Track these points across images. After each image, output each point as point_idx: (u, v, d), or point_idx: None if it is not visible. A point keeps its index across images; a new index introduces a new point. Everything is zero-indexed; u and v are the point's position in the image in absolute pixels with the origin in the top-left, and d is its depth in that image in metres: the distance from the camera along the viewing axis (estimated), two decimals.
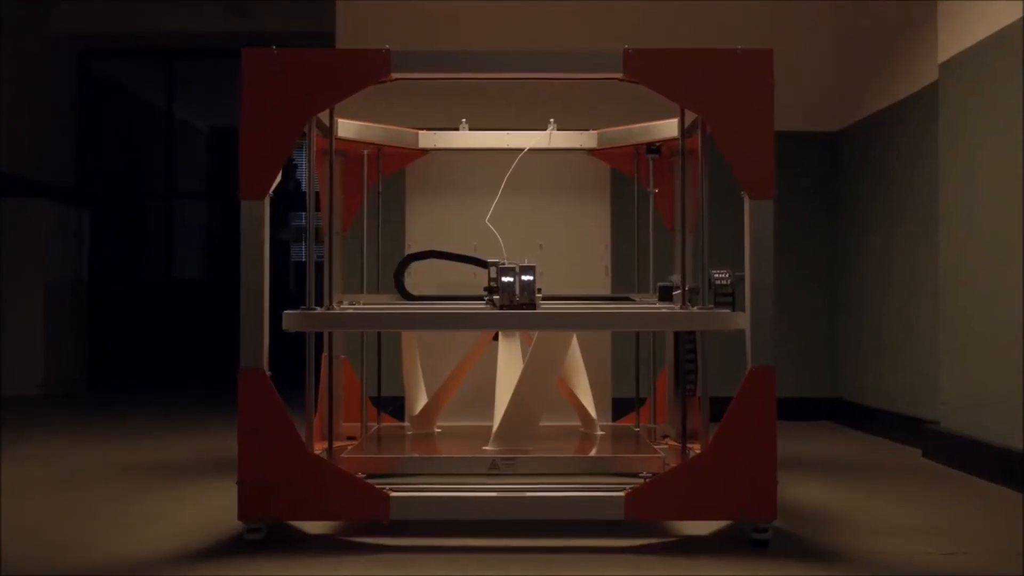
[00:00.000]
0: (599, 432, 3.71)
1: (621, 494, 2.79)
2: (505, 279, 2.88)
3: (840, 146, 5.95)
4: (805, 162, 5.97)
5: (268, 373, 2.83)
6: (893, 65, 5.23)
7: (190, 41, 8.89)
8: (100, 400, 7.43)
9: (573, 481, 3.23)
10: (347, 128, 3.81)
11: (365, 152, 3.93)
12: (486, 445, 3.35)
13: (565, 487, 2.92)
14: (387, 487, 2.83)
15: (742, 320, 2.89)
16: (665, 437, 3.95)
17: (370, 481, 2.88)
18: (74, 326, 8.20)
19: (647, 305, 3.43)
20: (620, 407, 4.13)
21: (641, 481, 2.96)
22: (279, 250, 9.65)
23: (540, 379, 3.29)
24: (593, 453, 3.38)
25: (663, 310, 3.06)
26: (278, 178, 2.90)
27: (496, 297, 2.95)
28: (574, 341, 3.62)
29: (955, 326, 4.25)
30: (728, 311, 2.98)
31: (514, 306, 2.90)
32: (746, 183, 2.83)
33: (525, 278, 2.88)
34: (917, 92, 4.92)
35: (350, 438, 3.93)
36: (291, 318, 2.89)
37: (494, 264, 3.15)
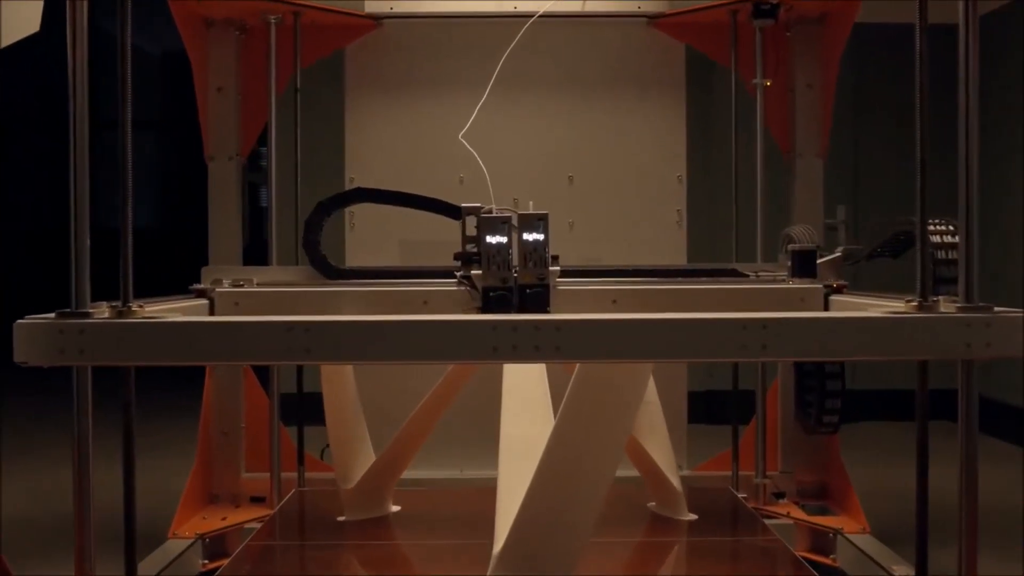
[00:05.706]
0: (686, 515, 2.13)
1: None
2: (491, 239, 1.75)
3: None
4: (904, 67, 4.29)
5: None
6: None
7: None
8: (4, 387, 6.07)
9: None
10: None
11: (272, 20, 2.69)
12: (485, 573, 1.72)
13: None
14: None
15: None
16: (780, 497, 2.80)
17: None
18: None
19: (800, 284, 1.89)
20: (697, 405, 3.20)
21: None
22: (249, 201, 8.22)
23: (586, 444, 1.64)
24: None
25: (882, 313, 1.43)
26: None
27: (476, 274, 1.83)
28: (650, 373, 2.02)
29: None
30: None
31: (505, 297, 1.71)
32: None
33: (530, 237, 1.75)
34: None
35: (255, 500, 2.67)
36: (26, 334, 1.34)
37: (471, 212, 1.98)
